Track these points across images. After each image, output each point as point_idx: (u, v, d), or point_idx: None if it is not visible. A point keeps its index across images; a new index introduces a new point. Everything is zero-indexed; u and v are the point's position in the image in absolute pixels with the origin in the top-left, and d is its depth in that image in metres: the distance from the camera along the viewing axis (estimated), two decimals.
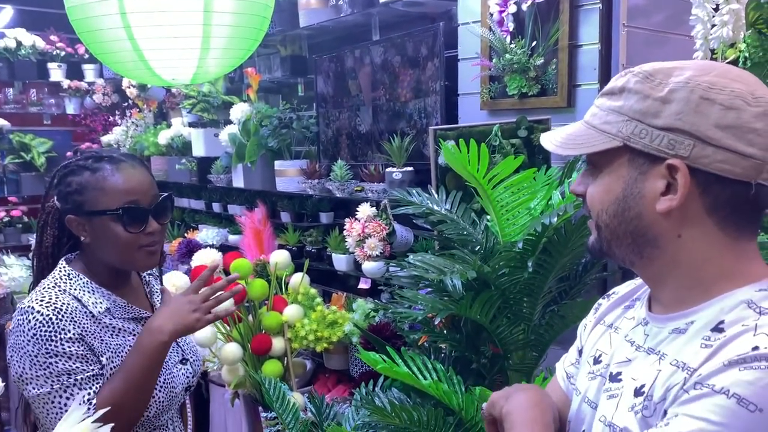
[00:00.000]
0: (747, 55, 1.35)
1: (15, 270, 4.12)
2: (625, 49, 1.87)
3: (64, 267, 1.41)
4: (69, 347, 1.31)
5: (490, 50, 2.12)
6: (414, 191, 1.84)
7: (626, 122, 0.76)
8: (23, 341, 1.30)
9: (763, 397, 0.63)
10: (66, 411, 1.23)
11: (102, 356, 1.35)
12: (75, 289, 1.38)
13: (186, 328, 1.38)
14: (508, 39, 2.06)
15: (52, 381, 1.30)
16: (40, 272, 1.47)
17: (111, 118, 5.22)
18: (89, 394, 1.31)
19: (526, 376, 1.61)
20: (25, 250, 4.66)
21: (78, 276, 1.40)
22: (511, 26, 2.05)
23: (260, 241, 3.05)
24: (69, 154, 5.16)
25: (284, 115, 3.10)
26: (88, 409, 1.26)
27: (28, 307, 1.33)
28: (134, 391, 1.33)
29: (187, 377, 1.53)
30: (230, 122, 3.37)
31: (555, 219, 1.46)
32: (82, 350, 1.32)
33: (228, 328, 2.49)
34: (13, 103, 5.15)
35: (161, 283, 1.70)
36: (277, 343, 2.43)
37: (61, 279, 1.39)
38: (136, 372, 1.33)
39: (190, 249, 3.41)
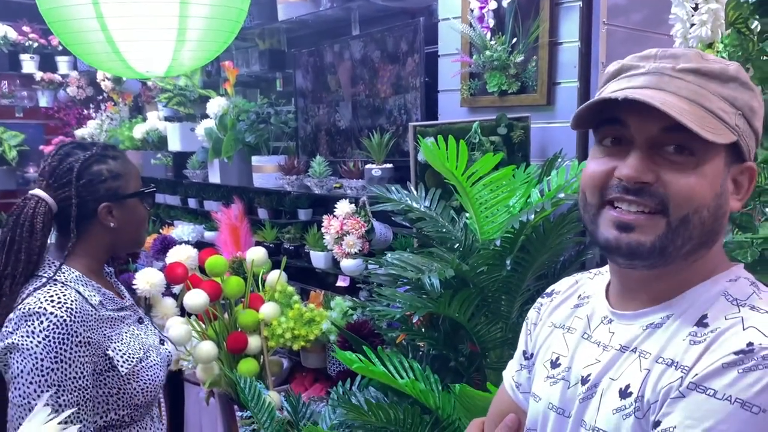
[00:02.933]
0: (725, 55, 1.35)
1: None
2: (605, 47, 1.87)
3: (52, 263, 1.39)
4: (77, 352, 1.30)
5: (470, 47, 2.11)
6: (393, 188, 1.82)
7: (739, 116, 0.72)
8: (31, 343, 1.27)
9: (765, 398, 0.63)
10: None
11: (108, 349, 1.36)
12: (72, 282, 1.38)
13: None
14: (489, 36, 2.05)
15: (53, 392, 1.26)
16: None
17: (85, 112, 5.12)
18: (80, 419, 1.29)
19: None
20: None
21: (70, 270, 1.40)
22: (491, 23, 2.04)
23: (237, 237, 3.01)
24: (43, 147, 5.06)
25: (262, 110, 3.06)
26: None
27: (38, 308, 1.29)
28: None
29: (169, 356, 1.55)
30: (207, 116, 3.32)
31: (533, 216, 1.45)
32: (87, 357, 1.32)
33: (203, 326, 2.45)
34: None
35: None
36: (254, 342, 2.40)
37: (59, 273, 1.38)
38: None
39: (165, 245, 3.36)
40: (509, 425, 0.90)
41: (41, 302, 1.30)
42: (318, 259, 2.77)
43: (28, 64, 5.11)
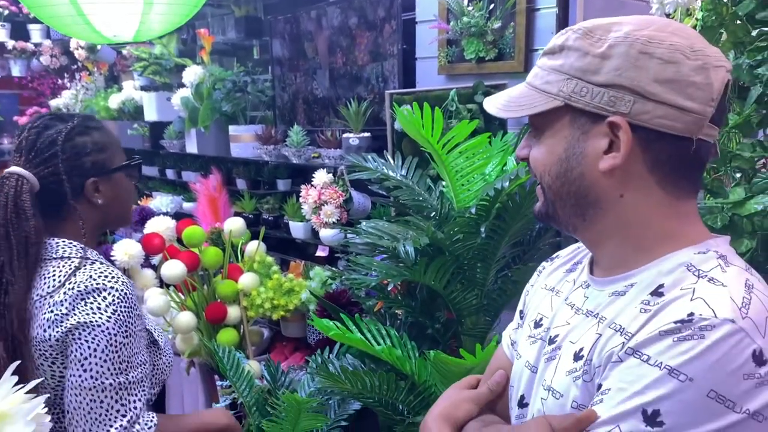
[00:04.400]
0: (699, 18, 1.34)
1: None
2: (582, 13, 1.85)
3: (70, 243, 1.30)
4: (138, 325, 1.25)
5: (447, 13, 2.08)
6: (369, 156, 1.81)
7: (567, 81, 0.74)
8: (101, 319, 1.19)
9: (694, 367, 0.63)
10: (108, 415, 1.19)
11: (146, 324, 1.35)
12: (90, 255, 1.30)
13: None
14: (466, 1, 2.02)
15: (123, 370, 1.21)
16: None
17: (60, 82, 5.02)
18: (141, 405, 1.24)
19: (480, 341, 1.62)
20: None
21: (78, 245, 1.31)
22: None
23: (215, 208, 2.98)
24: (17, 118, 4.96)
25: (238, 79, 3.02)
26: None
27: (97, 285, 1.22)
28: None
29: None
30: (183, 86, 3.27)
31: (507, 184, 1.45)
32: (143, 330, 1.28)
33: (182, 297, 2.44)
34: None
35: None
36: (233, 312, 2.40)
37: (86, 250, 1.29)
38: None
39: (143, 216, 3.32)
40: (498, 381, 0.93)
41: (96, 279, 1.23)
42: (297, 230, 2.76)
43: None
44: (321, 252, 2.68)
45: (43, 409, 0.84)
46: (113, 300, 1.21)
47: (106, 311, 1.20)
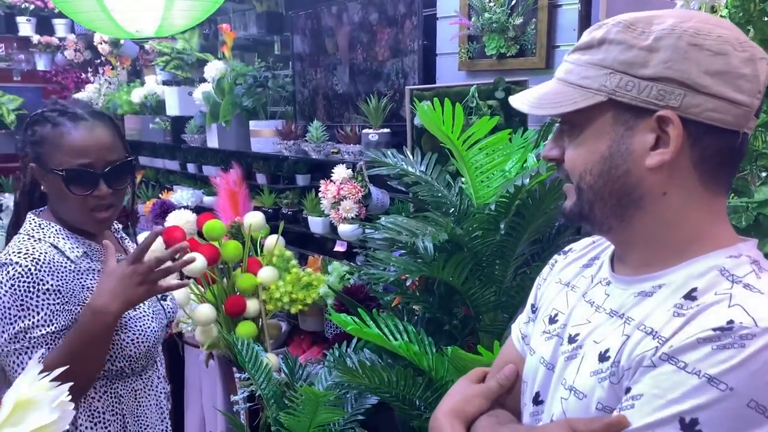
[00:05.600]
0: (725, 15, 1.33)
1: None
2: (605, 10, 1.84)
3: (32, 219, 1.41)
4: (45, 299, 1.31)
5: (469, 9, 2.08)
6: (389, 152, 1.81)
7: (609, 75, 0.72)
8: (0, 293, 1.29)
9: (734, 377, 0.62)
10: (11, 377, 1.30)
11: (86, 300, 1.36)
12: (49, 237, 1.38)
13: (133, 303, 1.35)
14: None
15: (21, 337, 1.29)
16: (14, 226, 1.46)
17: (83, 76, 5.08)
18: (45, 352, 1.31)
19: (497, 337, 1.62)
20: None
21: (49, 224, 1.40)
22: None
23: (235, 202, 3.01)
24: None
25: (259, 74, 3.03)
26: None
27: (6, 259, 1.31)
28: (79, 365, 1.23)
29: (169, 311, 1.56)
30: (204, 80, 3.29)
31: (528, 180, 1.45)
32: (56, 303, 1.32)
33: (202, 289, 2.47)
34: None
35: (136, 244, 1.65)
36: (252, 305, 2.42)
37: (33, 229, 1.39)
38: (79, 349, 1.30)
39: (164, 210, 3.36)
40: (507, 375, 0.92)
41: (9, 254, 1.32)
42: (316, 225, 2.77)
43: (25, 27, 5.05)
44: (339, 247, 2.68)
45: (67, 396, 0.85)
46: (13, 275, 1.29)
47: (4, 286, 1.28)
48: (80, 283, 1.37)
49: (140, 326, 1.43)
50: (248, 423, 2.25)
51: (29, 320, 1.29)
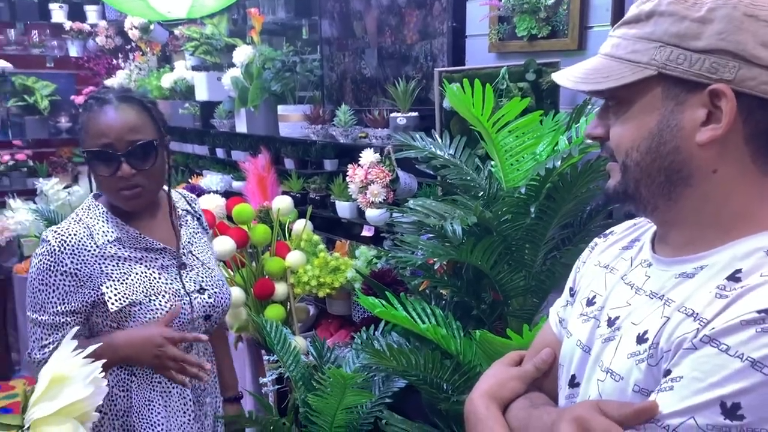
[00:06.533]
0: None
1: (21, 214, 4.13)
2: None
3: (89, 199, 1.52)
4: (61, 279, 1.41)
5: None
6: (417, 135, 1.80)
7: (660, 48, 0.70)
8: (32, 264, 1.44)
9: None
10: (34, 340, 1.44)
11: (102, 285, 1.43)
12: (90, 218, 1.47)
13: (138, 364, 1.47)
14: None
15: (37, 308, 1.43)
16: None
17: (114, 62, 5.13)
18: (50, 343, 1.43)
19: (526, 322, 1.60)
20: (30, 194, 4.66)
21: (97, 206, 1.49)
22: None
23: (264, 187, 3.03)
24: (74, 97, 5.11)
25: (287, 58, 3.03)
26: (40, 360, 1.42)
27: (44, 236, 1.44)
28: None
29: (205, 306, 1.56)
30: (233, 65, 3.31)
31: (559, 163, 1.42)
32: (71, 285, 1.42)
33: (231, 272, 2.50)
34: (14, 44, 5.06)
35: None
36: (280, 288, 2.44)
37: (82, 209, 1.50)
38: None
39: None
40: (544, 359, 0.91)
41: (49, 231, 1.44)
42: (343, 209, 2.78)
43: (57, 14, 5.12)
44: (366, 232, 2.69)
45: (100, 373, 0.87)
46: (42, 252, 1.42)
47: (35, 259, 1.43)
48: (100, 267, 1.43)
49: (147, 320, 1.46)
50: (276, 405, 2.28)
51: (46, 295, 1.41)
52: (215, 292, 1.59)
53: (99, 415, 1.22)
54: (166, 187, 1.59)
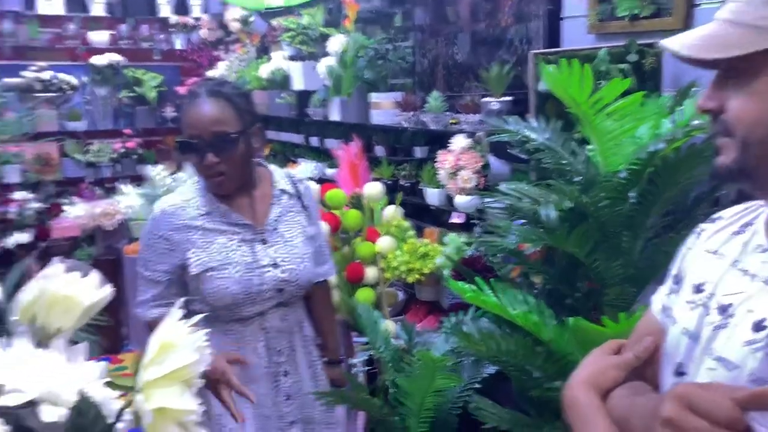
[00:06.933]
0: None
1: (130, 198, 4.40)
2: None
3: (194, 177, 1.69)
4: (156, 242, 1.61)
5: None
6: (510, 119, 1.77)
7: None
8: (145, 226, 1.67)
9: None
10: (138, 292, 1.63)
11: (188, 251, 1.60)
12: (189, 193, 1.65)
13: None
14: None
15: (141, 264, 1.63)
16: None
17: (216, 53, 5.36)
18: (148, 291, 1.63)
19: (623, 313, 1.55)
20: (139, 180, 4.96)
21: (200, 182, 1.65)
22: None
23: (355, 174, 3.08)
24: (178, 88, 5.38)
25: (380, 46, 3.06)
26: (143, 309, 1.63)
27: (157, 203, 1.67)
28: None
29: (276, 280, 1.65)
30: (328, 54, 3.37)
31: (662, 146, 1.36)
32: (163, 248, 1.61)
33: None
34: (126, 39, 5.38)
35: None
36: (370, 272, 2.48)
37: (186, 184, 1.70)
38: None
39: None
40: (646, 347, 0.87)
41: (161, 200, 1.66)
42: (432, 196, 2.78)
43: (164, 8, 5.41)
44: (456, 219, 2.67)
45: (204, 341, 0.91)
46: (151, 217, 1.64)
47: (148, 221, 1.65)
48: (188, 236, 1.60)
49: (217, 284, 1.59)
50: (366, 386, 2.32)
51: (147, 254, 1.62)
52: (290, 269, 1.67)
53: (203, 382, 1.30)
54: (272, 168, 1.77)
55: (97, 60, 5.21)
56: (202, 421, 0.80)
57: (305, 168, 3.82)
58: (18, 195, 4.80)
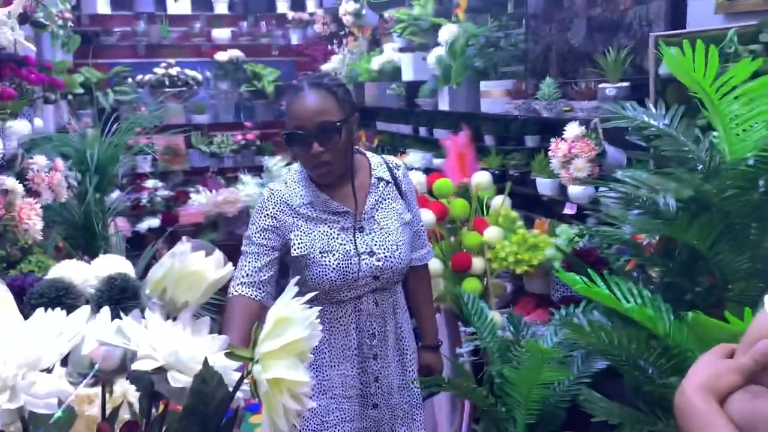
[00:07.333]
0: None
1: (250, 187, 4.64)
2: None
3: (297, 165, 1.77)
4: (262, 219, 1.69)
5: None
6: (628, 104, 1.69)
7: None
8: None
9: None
10: (239, 268, 1.66)
11: (290, 233, 1.68)
12: (294, 182, 1.73)
13: None
14: None
15: (246, 243, 1.68)
16: None
17: (329, 47, 5.51)
18: (246, 265, 1.66)
19: (749, 309, 1.45)
20: (258, 170, 5.21)
21: (302, 172, 1.73)
22: None
23: (463, 164, 3.06)
24: (294, 82, 5.59)
25: (491, 34, 3.02)
26: (235, 283, 1.65)
27: (267, 186, 1.77)
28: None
29: (372, 268, 1.70)
30: (438, 44, 3.37)
31: None
32: (271, 225, 1.68)
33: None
34: (246, 35, 5.65)
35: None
36: (477, 263, 2.47)
37: (290, 173, 1.77)
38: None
39: None
40: (763, 351, 0.82)
41: (268, 186, 1.78)
42: (544, 186, 2.71)
43: (282, 5, 5.62)
44: (569, 210, 2.60)
45: (316, 318, 0.96)
46: (261, 199, 1.72)
47: (258, 204, 1.73)
48: (292, 219, 1.68)
49: (316, 271, 1.67)
50: (473, 376, 2.32)
51: (254, 231, 1.68)
52: (385, 256, 1.71)
53: (313, 357, 1.37)
54: (370, 155, 1.81)
55: (220, 56, 5.52)
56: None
57: (413, 158, 3.85)
58: (149, 183, 5.21)
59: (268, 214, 1.68)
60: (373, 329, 1.75)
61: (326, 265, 1.66)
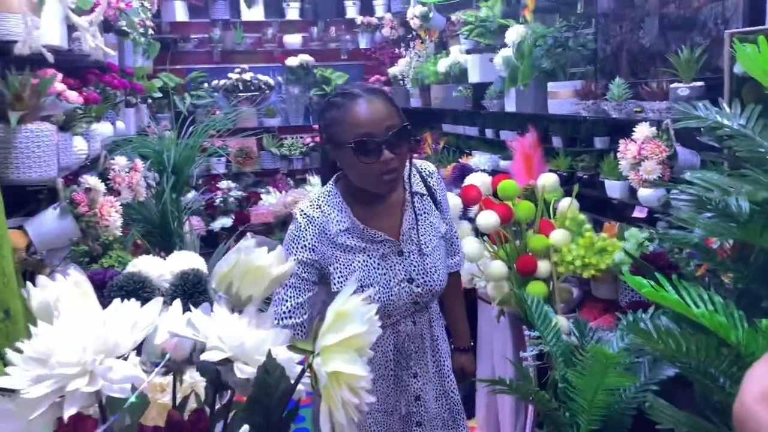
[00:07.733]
0: None
1: (318, 188, 4.73)
2: None
3: (330, 185, 1.65)
4: (300, 250, 1.59)
5: None
6: (700, 104, 1.64)
7: None
8: (285, 236, 1.64)
9: None
10: (276, 301, 1.58)
11: (330, 266, 1.60)
12: (328, 205, 1.62)
13: None
14: None
15: None
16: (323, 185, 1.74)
17: (396, 51, 5.55)
18: (288, 300, 1.59)
19: None
20: None
21: (336, 194, 1.62)
22: None
23: (530, 165, 3.02)
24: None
25: (560, 34, 2.97)
26: (277, 318, 1.57)
27: (299, 209, 1.63)
28: None
29: (411, 294, 1.65)
30: (505, 46, 3.35)
31: None
32: (309, 258, 1.59)
33: (495, 247, 2.56)
34: (316, 40, 5.77)
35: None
36: (543, 266, 2.43)
37: (322, 194, 1.64)
38: None
39: (462, 173, 3.54)
40: None
41: (297, 211, 1.62)
42: (613, 189, 2.65)
43: (351, 10, 5.71)
44: (638, 213, 2.53)
45: (375, 314, 0.98)
46: (293, 227, 1.61)
47: (289, 229, 1.62)
48: (331, 251, 1.59)
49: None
50: (536, 380, 2.29)
51: (290, 259, 1.57)
52: (424, 281, 1.66)
53: (372, 353, 1.38)
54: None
55: (291, 61, 5.66)
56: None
57: (479, 159, 3.83)
58: (222, 184, 5.40)
59: (305, 246, 1.59)
60: (411, 350, 1.71)
61: (366, 298, 1.63)
